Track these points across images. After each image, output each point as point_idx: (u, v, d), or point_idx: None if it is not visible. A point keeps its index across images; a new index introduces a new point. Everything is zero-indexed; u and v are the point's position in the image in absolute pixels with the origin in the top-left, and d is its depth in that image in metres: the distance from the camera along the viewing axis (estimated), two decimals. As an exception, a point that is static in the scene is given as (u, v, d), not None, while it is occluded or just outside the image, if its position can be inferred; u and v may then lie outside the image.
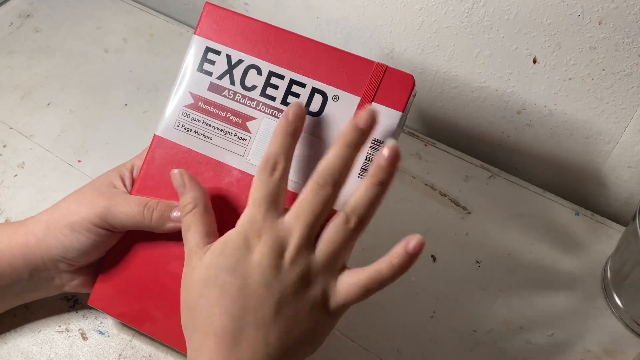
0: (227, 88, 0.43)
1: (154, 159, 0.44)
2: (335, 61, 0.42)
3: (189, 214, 0.39)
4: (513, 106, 0.56)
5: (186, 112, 0.44)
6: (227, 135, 0.43)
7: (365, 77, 0.41)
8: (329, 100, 0.42)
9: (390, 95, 0.41)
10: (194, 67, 0.44)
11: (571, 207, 0.56)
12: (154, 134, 0.44)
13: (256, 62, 0.43)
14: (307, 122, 0.41)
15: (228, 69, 0.43)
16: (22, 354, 0.46)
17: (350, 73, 0.42)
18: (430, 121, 0.64)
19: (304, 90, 0.42)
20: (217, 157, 0.43)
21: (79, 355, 0.46)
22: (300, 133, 0.39)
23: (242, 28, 0.44)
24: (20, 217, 0.54)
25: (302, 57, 0.43)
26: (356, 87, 0.42)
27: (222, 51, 0.44)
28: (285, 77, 0.43)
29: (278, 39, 0.43)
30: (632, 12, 0.43)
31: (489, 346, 0.47)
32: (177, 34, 0.71)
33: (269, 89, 0.43)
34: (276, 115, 0.42)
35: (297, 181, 0.42)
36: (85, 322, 0.48)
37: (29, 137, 0.61)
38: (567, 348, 0.47)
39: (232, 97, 0.43)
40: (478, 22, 0.51)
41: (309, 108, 0.42)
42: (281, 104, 0.42)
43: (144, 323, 0.44)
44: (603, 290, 0.50)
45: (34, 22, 0.73)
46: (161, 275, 0.44)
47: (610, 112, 0.50)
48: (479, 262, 0.52)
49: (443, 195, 0.57)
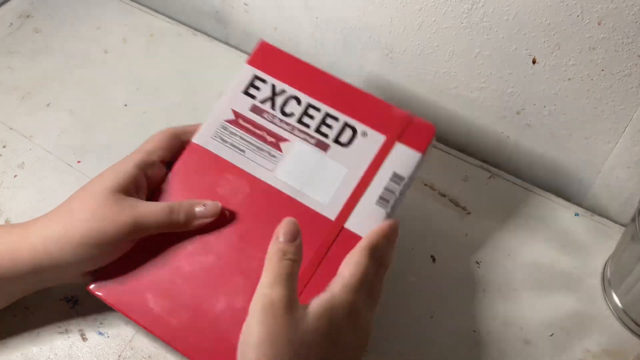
0: (268, 111, 0.49)
1: (187, 163, 0.48)
2: (369, 104, 0.48)
3: (291, 262, 0.38)
4: (512, 106, 0.56)
5: (226, 125, 0.49)
6: (260, 151, 0.48)
7: (393, 121, 0.47)
8: (358, 135, 0.48)
9: (413, 138, 0.47)
10: (240, 89, 0.50)
11: (571, 207, 0.56)
12: (190, 141, 0.48)
13: (297, 94, 0.49)
14: (336, 149, 0.47)
15: (271, 96, 0.49)
16: (22, 354, 0.46)
17: (380, 116, 0.48)
18: (430, 121, 0.64)
19: (337, 123, 0.48)
20: (247, 168, 0.47)
21: (79, 356, 0.46)
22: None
23: (289, 65, 0.50)
24: (20, 218, 0.54)
25: (339, 96, 0.49)
26: (384, 128, 0.47)
27: (268, 81, 0.50)
28: (322, 110, 0.48)
29: (320, 78, 0.50)
30: (632, 13, 0.43)
31: (489, 346, 0.47)
32: (176, 34, 0.71)
33: (305, 117, 0.48)
34: (308, 140, 0.48)
35: (322, 201, 0.46)
36: (85, 322, 0.48)
37: (28, 137, 0.61)
38: (567, 348, 0.47)
39: (270, 120, 0.49)
40: (477, 23, 0.51)
41: (339, 139, 0.48)
42: (315, 132, 0.48)
43: (142, 316, 0.44)
44: (603, 291, 0.50)
45: (33, 22, 0.73)
46: (168, 270, 0.45)
47: (609, 112, 0.50)
48: (479, 263, 0.52)
49: (442, 195, 0.57)
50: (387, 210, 0.45)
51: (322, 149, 0.48)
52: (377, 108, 0.48)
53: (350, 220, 0.45)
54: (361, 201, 0.45)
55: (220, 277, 0.44)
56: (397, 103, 0.64)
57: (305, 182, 0.47)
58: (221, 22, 0.72)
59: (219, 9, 0.71)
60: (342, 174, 0.46)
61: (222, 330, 0.42)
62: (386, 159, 0.47)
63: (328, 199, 0.46)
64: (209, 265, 0.45)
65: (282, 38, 0.68)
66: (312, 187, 0.46)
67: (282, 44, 0.69)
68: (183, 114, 0.63)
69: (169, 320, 0.43)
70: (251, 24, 0.69)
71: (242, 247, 0.45)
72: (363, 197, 0.45)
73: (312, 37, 0.65)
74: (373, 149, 0.47)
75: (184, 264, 0.45)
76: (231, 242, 0.45)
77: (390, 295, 0.50)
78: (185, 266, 0.45)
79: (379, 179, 0.46)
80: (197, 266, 0.45)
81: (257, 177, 0.47)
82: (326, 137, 0.48)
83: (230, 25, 0.72)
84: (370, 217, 0.45)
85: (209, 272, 0.44)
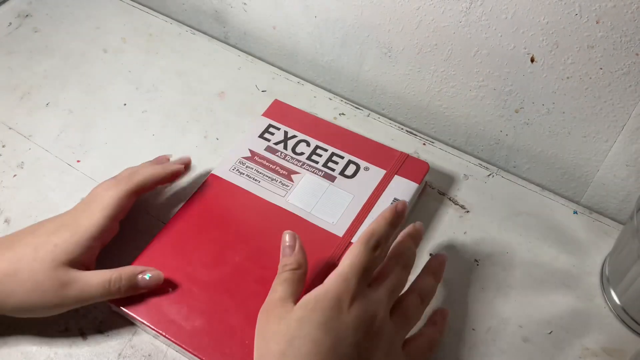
0: (281, 151, 0.56)
1: (205, 192, 0.53)
2: (370, 147, 0.56)
3: (289, 271, 0.42)
4: (511, 105, 0.56)
5: (243, 161, 0.55)
6: (273, 181, 0.54)
7: (391, 159, 0.55)
8: (360, 169, 0.55)
9: (410, 172, 0.54)
10: (256, 134, 0.58)
11: (569, 205, 0.56)
12: (211, 173, 0.55)
13: (306, 138, 0.57)
14: (342, 180, 0.54)
15: (284, 139, 0.57)
16: (22, 353, 0.46)
17: (381, 155, 0.55)
18: (429, 120, 0.64)
19: (342, 160, 0.55)
20: (261, 194, 0.53)
21: (79, 354, 0.46)
22: (399, 225, 0.44)
23: (300, 117, 0.59)
24: (19, 217, 0.54)
25: (344, 141, 0.57)
26: (384, 164, 0.55)
27: (281, 128, 0.58)
28: (328, 150, 0.56)
29: (327, 127, 0.59)
30: (630, 11, 0.44)
31: (488, 344, 0.47)
32: (176, 33, 0.71)
33: (314, 156, 0.56)
34: (316, 173, 0.54)
35: (331, 221, 0.51)
36: (85, 321, 0.48)
37: (28, 137, 0.61)
38: (566, 346, 0.47)
39: (283, 157, 0.56)
40: (476, 21, 0.51)
41: (345, 172, 0.54)
42: (322, 166, 0.55)
43: (161, 323, 0.45)
44: (601, 289, 0.50)
45: (32, 22, 0.73)
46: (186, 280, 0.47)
47: (608, 110, 0.50)
48: (478, 261, 0.52)
49: (442, 194, 0.57)
50: None
51: (329, 180, 0.54)
52: (377, 149, 0.56)
53: (357, 236, 0.49)
54: (366, 221, 0.51)
55: (235, 286, 0.47)
56: (397, 103, 0.65)
57: (314, 206, 0.52)
58: (220, 21, 0.72)
59: (218, 9, 0.71)
60: (348, 200, 0.52)
61: (235, 333, 0.44)
62: (387, 187, 0.53)
63: (336, 220, 0.51)
64: (225, 275, 0.47)
65: (281, 37, 0.68)
66: (321, 210, 0.52)
67: (281, 43, 0.69)
68: (182, 113, 0.63)
69: (184, 325, 0.45)
70: (250, 24, 0.69)
71: (257, 259, 0.48)
72: (368, 218, 0.51)
73: (310, 36, 0.65)
74: (375, 180, 0.54)
75: (201, 274, 0.47)
76: (247, 255, 0.49)
77: (390, 294, 0.50)
78: (203, 276, 0.47)
79: (382, 203, 0.52)
80: (214, 277, 0.47)
81: (270, 201, 0.52)
82: (333, 171, 0.54)
83: (229, 24, 0.72)
84: None
85: (224, 281, 0.47)
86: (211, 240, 0.50)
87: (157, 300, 0.46)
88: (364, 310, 0.39)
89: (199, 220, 0.51)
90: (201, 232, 0.50)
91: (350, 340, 0.38)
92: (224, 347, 0.44)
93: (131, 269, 0.45)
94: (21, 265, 0.42)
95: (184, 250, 0.49)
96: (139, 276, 0.45)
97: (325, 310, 0.38)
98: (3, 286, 0.42)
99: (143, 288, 0.46)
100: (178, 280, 0.47)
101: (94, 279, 0.44)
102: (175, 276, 0.47)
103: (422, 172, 0.54)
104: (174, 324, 0.45)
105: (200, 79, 0.67)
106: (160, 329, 0.45)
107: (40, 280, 0.42)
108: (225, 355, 0.43)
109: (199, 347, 0.44)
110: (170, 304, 0.46)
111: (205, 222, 0.51)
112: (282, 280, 0.41)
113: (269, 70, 0.68)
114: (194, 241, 0.50)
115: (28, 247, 0.43)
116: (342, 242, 0.49)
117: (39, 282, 0.42)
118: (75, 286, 0.43)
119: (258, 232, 0.50)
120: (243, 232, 0.50)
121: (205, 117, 0.63)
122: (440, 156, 0.60)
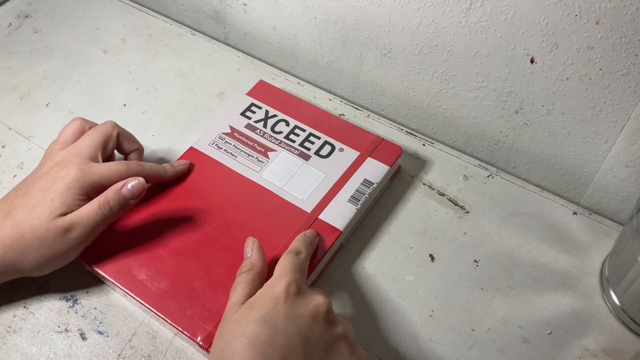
0: (260, 129, 0.58)
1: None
2: (347, 129, 0.58)
3: (243, 274, 0.44)
4: (511, 106, 0.56)
5: (222, 137, 0.57)
6: (250, 157, 0.56)
7: (366, 142, 0.57)
8: (335, 150, 0.56)
9: (383, 155, 0.56)
10: (238, 112, 0.59)
11: (569, 206, 0.56)
12: (190, 146, 0.56)
13: (286, 118, 0.59)
14: (316, 160, 0.55)
15: (264, 118, 0.59)
16: (22, 354, 0.46)
17: (356, 138, 0.57)
18: (429, 121, 0.64)
19: (318, 140, 0.57)
20: (237, 169, 0.55)
21: (78, 355, 0.46)
22: (315, 245, 0.49)
23: (282, 98, 0.61)
24: (19, 218, 0.54)
25: (322, 122, 0.59)
26: (358, 146, 0.57)
27: (263, 107, 0.60)
28: (306, 130, 0.58)
29: (307, 109, 0.60)
30: (629, 12, 0.44)
31: (488, 345, 0.47)
32: (175, 34, 0.71)
33: (292, 135, 0.57)
34: (292, 151, 0.56)
35: (301, 198, 0.53)
36: (85, 322, 0.48)
37: (27, 137, 0.61)
38: (565, 346, 0.47)
39: (261, 135, 0.57)
40: (476, 23, 0.51)
41: (320, 152, 0.56)
42: (299, 145, 0.57)
43: (129, 283, 0.47)
44: (601, 289, 0.50)
45: (32, 22, 0.73)
46: (156, 244, 0.50)
47: (607, 111, 0.51)
48: (477, 261, 0.52)
49: (441, 194, 0.57)
50: (357, 207, 0.52)
51: (304, 158, 0.56)
52: (353, 132, 0.58)
53: (324, 213, 0.51)
54: (335, 199, 0.53)
55: (202, 252, 0.49)
56: (396, 103, 0.65)
57: (287, 182, 0.54)
58: (220, 22, 0.72)
59: (217, 9, 0.71)
60: (320, 178, 0.54)
61: (198, 296, 0.47)
62: (359, 168, 0.55)
63: (306, 196, 0.53)
64: (193, 242, 0.50)
65: (280, 38, 0.68)
66: (292, 186, 0.54)
67: (281, 44, 0.69)
68: (182, 113, 0.63)
69: (150, 286, 0.47)
70: (250, 24, 0.69)
71: (226, 229, 0.51)
72: (337, 196, 0.53)
73: (310, 37, 0.65)
74: (348, 160, 0.55)
75: (172, 240, 0.50)
76: (217, 225, 0.51)
77: (389, 295, 0.50)
78: (173, 242, 0.50)
79: (352, 183, 0.54)
80: (183, 243, 0.50)
81: (245, 176, 0.54)
82: (308, 150, 0.56)
83: (228, 25, 0.72)
84: (341, 211, 0.52)
85: (192, 247, 0.49)
86: (184, 208, 0.52)
87: (127, 262, 0.48)
88: (301, 299, 0.41)
89: (175, 189, 0.53)
90: (175, 200, 0.52)
91: (291, 329, 0.38)
92: (186, 308, 0.46)
93: (113, 187, 0.47)
94: (24, 227, 0.44)
95: (157, 216, 0.51)
96: (121, 190, 0.47)
97: (262, 305, 0.39)
98: (14, 251, 0.44)
99: (131, 198, 0.47)
100: (149, 244, 0.49)
101: (86, 212, 0.46)
102: (147, 240, 0.50)
103: (395, 156, 0.56)
104: (141, 284, 0.47)
105: (200, 80, 0.67)
106: (128, 289, 0.47)
107: (44, 235, 0.44)
108: (186, 316, 0.45)
109: (163, 307, 0.46)
110: (140, 265, 0.48)
111: (180, 192, 0.53)
112: (235, 285, 0.43)
113: (268, 71, 0.68)
114: (167, 208, 0.52)
115: (25, 209, 0.45)
116: (310, 217, 0.51)
117: (43, 237, 0.44)
118: (75, 227, 0.45)
119: (230, 204, 0.52)
120: (216, 203, 0.52)
121: (205, 118, 0.63)
122: (440, 157, 0.60)
